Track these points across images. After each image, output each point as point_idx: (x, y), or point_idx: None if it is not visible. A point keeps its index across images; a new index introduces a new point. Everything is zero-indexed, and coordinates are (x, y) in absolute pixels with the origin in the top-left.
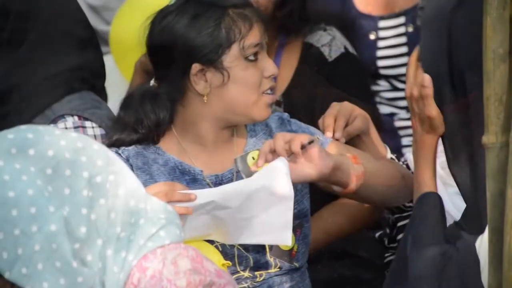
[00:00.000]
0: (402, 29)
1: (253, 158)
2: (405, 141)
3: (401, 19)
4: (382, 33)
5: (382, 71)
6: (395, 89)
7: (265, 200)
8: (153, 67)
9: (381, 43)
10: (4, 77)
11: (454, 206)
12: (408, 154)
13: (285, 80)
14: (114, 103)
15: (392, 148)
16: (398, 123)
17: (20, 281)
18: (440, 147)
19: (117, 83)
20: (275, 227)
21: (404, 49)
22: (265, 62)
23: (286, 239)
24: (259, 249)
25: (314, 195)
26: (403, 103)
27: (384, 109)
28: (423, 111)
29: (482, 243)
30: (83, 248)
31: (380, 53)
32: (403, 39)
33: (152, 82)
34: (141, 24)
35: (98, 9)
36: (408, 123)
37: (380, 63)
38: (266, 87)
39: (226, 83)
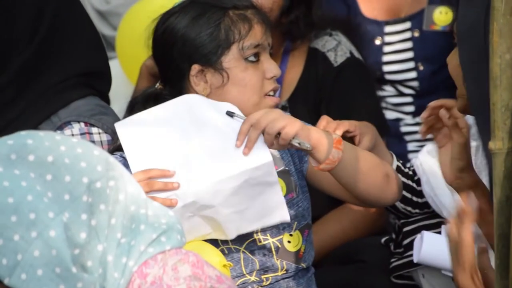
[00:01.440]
0: (408, 34)
1: None
2: (410, 146)
3: (407, 24)
4: (387, 38)
5: (388, 76)
6: (401, 94)
7: (252, 191)
8: (158, 69)
9: (386, 48)
10: (10, 83)
11: None
12: (414, 160)
13: (290, 86)
14: (120, 107)
15: (398, 154)
16: (404, 128)
17: (19, 287)
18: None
19: (123, 88)
20: (270, 209)
21: (410, 54)
22: (267, 63)
23: (284, 216)
24: (266, 252)
25: (318, 200)
26: (409, 108)
27: (389, 115)
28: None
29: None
30: (83, 253)
31: (385, 58)
32: (409, 44)
33: (157, 85)
34: (147, 26)
35: (104, 14)
36: (414, 128)
37: (386, 68)
38: (269, 89)
39: (226, 84)
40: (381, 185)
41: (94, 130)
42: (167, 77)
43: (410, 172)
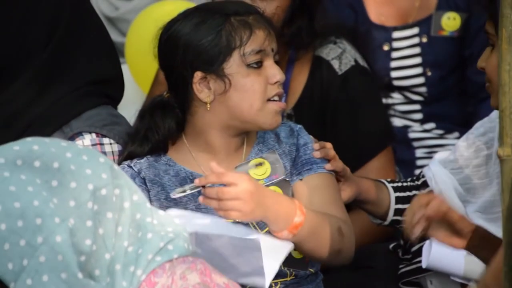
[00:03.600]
0: (416, 40)
1: (255, 166)
2: (418, 152)
3: (415, 30)
4: (395, 44)
5: (396, 82)
6: (409, 102)
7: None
8: (164, 77)
9: (394, 54)
10: (22, 92)
11: None
12: (426, 170)
13: (296, 94)
14: (129, 114)
15: (406, 160)
16: (412, 135)
17: None
18: (460, 162)
19: (132, 94)
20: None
21: (418, 60)
22: (271, 68)
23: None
24: None
25: None
26: (417, 116)
27: (397, 122)
28: None
29: None
30: (90, 261)
31: (393, 64)
32: (417, 50)
33: (165, 93)
34: (154, 35)
35: (113, 21)
36: (422, 135)
37: (394, 74)
38: (272, 94)
39: (228, 90)
40: (329, 259)
41: (106, 140)
42: (172, 84)
43: (412, 194)
